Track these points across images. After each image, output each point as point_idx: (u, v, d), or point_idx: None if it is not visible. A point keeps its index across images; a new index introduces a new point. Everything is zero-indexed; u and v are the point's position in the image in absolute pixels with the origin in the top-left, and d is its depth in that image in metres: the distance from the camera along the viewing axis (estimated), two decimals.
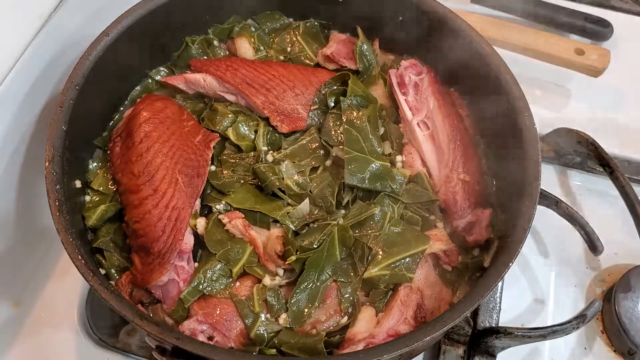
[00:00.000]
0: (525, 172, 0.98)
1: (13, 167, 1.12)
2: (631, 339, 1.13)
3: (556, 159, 1.36)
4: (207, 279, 0.98)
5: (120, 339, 1.15)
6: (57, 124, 0.98)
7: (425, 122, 1.12)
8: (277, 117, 1.10)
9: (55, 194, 0.92)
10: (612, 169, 1.21)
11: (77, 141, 1.02)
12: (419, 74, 1.15)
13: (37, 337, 1.18)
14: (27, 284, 1.21)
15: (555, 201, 1.15)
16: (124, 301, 0.86)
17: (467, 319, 1.08)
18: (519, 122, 1.02)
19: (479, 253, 1.05)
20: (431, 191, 1.07)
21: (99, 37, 1.06)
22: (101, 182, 1.06)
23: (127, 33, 1.09)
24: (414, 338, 0.84)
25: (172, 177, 1.00)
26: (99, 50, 1.05)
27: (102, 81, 1.07)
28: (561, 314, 1.22)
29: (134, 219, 0.98)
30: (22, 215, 1.16)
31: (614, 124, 1.42)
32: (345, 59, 1.20)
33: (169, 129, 1.05)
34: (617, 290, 1.18)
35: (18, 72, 1.06)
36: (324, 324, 0.98)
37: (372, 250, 1.00)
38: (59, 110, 0.98)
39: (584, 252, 1.28)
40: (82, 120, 1.02)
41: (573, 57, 1.40)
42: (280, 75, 1.14)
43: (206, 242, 1.00)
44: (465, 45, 1.11)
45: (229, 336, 0.95)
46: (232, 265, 0.99)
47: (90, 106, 1.06)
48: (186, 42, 1.22)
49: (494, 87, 1.07)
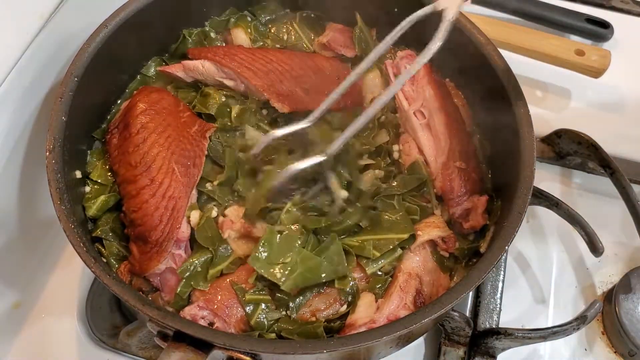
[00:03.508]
0: (521, 157, 1.00)
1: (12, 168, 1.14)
2: (632, 340, 1.14)
3: (557, 160, 1.37)
4: (192, 270, 1.01)
5: (120, 339, 1.16)
6: (57, 114, 1.00)
7: (421, 111, 1.15)
8: (278, 97, 1.12)
9: (56, 182, 0.95)
10: (613, 169, 1.21)
11: (77, 132, 1.05)
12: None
13: (37, 337, 1.18)
14: (26, 284, 1.22)
15: (555, 202, 1.16)
16: (126, 287, 0.89)
17: (467, 320, 1.08)
18: (513, 108, 1.05)
19: (475, 239, 1.08)
20: (425, 176, 1.10)
21: (98, 28, 1.09)
22: (100, 173, 1.09)
23: (126, 25, 1.11)
24: (412, 320, 0.87)
25: (169, 167, 1.03)
26: (98, 42, 1.08)
27: (101, 73, 1.09)
28: (561, 315, 1.23)
29: (132, 209, 1.01)
30: (22, 214, 1.19)
31: (615, 124, 1.43)
32: (341, 47, 1.24)
33: (165, 120, 1.08)
34: (618, 291, 1.19)
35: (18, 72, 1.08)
36: (324, 312, 1.00)
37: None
38: (59, 101, 1.01)
39: (584, 253, 1.28)
40: (81, 111, 1.05)
41: (573, 58, 1.41)
42: (278, 59, 1.16)
43: (197, 236, 1.03)
44: (459, 34, 1.12)
45: (229, 322, 0.97)
46: (212, 267, 1.01)
47: (89, 97, 1.08)
48: (183, 35, 1.25)
49: (487, 76, 1.10)
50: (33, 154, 1.17)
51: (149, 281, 1.01)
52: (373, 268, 1.02)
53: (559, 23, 1.54)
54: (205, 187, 1.08)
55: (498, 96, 1.08)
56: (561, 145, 1.32)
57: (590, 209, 1.20)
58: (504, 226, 0.95)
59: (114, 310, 1.22)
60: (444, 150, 1.10)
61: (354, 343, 0.84)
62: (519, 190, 0.97)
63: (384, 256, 1.03)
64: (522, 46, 1.44)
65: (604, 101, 1.48)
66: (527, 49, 1.44)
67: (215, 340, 0.84)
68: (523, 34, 1.46)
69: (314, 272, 0.98)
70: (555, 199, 1.16)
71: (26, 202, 1.18)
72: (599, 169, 1.27)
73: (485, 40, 1.12)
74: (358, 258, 1.03)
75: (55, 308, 1.21)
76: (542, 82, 1.50)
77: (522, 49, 1.44)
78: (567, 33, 1.55)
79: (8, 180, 1.13)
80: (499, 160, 1.12)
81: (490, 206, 1.08)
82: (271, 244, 0.99)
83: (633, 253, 1.29)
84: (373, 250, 1.02)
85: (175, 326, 0.84)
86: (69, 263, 1.26)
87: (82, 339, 1.17)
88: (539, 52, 1.44)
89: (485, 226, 1.07)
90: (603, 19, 1.54)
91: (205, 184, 1.08)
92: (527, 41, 1.44)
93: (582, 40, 1.54)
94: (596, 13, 1.57)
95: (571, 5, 1.60)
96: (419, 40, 1.20)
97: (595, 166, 1.30)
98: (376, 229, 1.04)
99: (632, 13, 1.63)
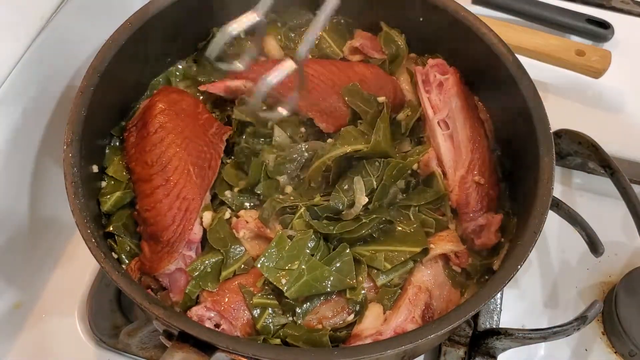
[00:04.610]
0: (539, 176, 1.00)
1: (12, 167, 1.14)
2: (632, 340, 1.14)
3: (557, 160, 1.35)
4: (202, 270, 1.01)
5: (121, 339, 1.17)
6: (77, 108, 1.00)
7: (445, 122, 1.14)
8: (321, 117, 1.11)
9: (72, 176, 0.95)
10: (613, 170, 1.21)
11: (97, 127, 1.06)
12: (444, 73, 1.18)
13: (37, 337, 1.19)
14: (27, 284, 1.23)
15: (556, 202, 1.16)
16: (133, 284, 0.90)
17: (467, 320, 1.08)
18: (535, 128, 1.04)
19: (489, 256, 1.07)
20: (443, 190, 1.09)
21: (122, 25, 1.08)
22: (116, 169, 1.09)
23: (151, 22, 1.11)
24: (419, 335, 0.86)
25: (184, 168, 1.03)
26: (122, 39, 1.07)
27: (123, 69, 1.09)
28: (562, 315, 1.23)
29: (145, 208, 1.02)
30: (23, 214, 1.19)
31: (615, 125, 1.44)
32: (372, 50, 1.23)
33: (183, 121, 1.08)
34: (618, 292, 1.19)
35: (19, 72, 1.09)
36: (330, 320, 1.00)
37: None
38: (79, 95, 1.01)
39: (584, 253, 1.27)
40: (101, 107, 1.05)
41: (574, 58, 1.41)
42: (319, 74, 1.14)
43: (209, 237, 1.03)
44: (483, 47, 1.12)
45: (235, 325, 0.97)
46: (224, 268, 1.01)
47: (110, 94, 1.08)
48: (212, 33, 1.22)
49: (510, 91, 1.09)
50: (34, 153, 1.17)
51: (158, 280, 1.02)
52: (383, 280, 1.02)
53: (559, 23, 1.54)
54: (225, 195, 1.07)
55: (521, 116, 1.07)
56: (561, 145, 1.32)
57: (590, 209, 1.20)
58: (518, 245, 0.94)
59: (114, 310, 1.23)
60: (464, 163, 1.09)
61: (357, 355, 0.84)
62: (535, 210, 0.96)
63: (395, 269, 1.02)
64: (523, 46, 1.44)
65: (604, 101, 1.48)
66: (528, 49, 1.44)
67: (219, 343, 0.84)
68: (523, 34, 1.46)
69: (319, 280, 0.97)
70: (556, 199, 1.16)
71: (27, 201, 1.19)
72: (600, 169, 1.27)
73: (507, 52, 1.10)
74: (368, 268, 1.02)
75: (56, 308, 1.22)
76: (543, 82, 1.50)
77: (522, 49, 1.44)
78: (567, 33, 1.55)
79: (8, 179, 1.13)
80: (517, 177, 1.11)
81: (505, 224, 1.07)
82: (281, 249, 0.99)
83: (633, 253, 1.29)
84: (384, 262, 1.01)
85: (179, 326, 0.85)
86: (70, 263, 1.27)
87: (82, 339, 1.18)
88: (539, 52, 1.44)
89: (499, 243, 1.06)
90: (603, 20, 1.54)
91: (224, 192, 1.07)
92: (528, 41, 1.44)
93: (583, 40, 1.54)
94: (596, 13, 1.57)
95: (571, 5, 1.60)
96: (442, 50, 1.22)
97: (596, 166, 1.30)
98: (389, 240, 1.03)
99: (633, 13, 1.62)
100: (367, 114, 1.12)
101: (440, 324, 0.86)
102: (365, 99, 1.14)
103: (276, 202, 1.03)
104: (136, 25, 1.09)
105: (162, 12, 1.12)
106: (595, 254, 1.11)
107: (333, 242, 1.02)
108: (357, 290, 0.99)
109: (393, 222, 1.04)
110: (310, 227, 1.01)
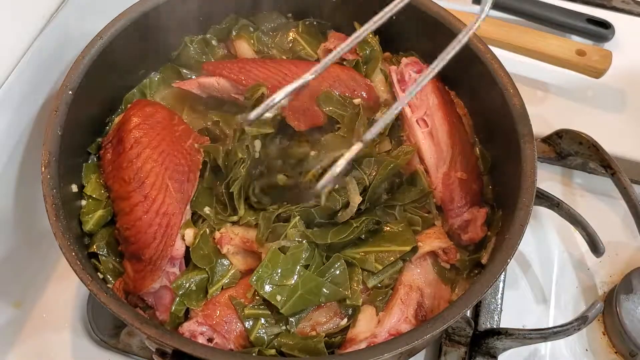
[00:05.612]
0: (522, 167, 1.00)
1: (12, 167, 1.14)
2: (633, 340, 1.14)
3: (557, 160, 1.37)
4: (187, 288, 1.00)
5: (121, 339, 1.17)
6: (53, 128, 0.99)
7: (424, 120, 1.15)
8: (293, 116, 1.11)
9: (52, 198, 0.94)
10: (614, 170, 1.21)
11: (74, 145, 1.05)
12: (419, 71, 1.18)
13: (38, 337, 1.19)
14: (28, 284, 1.23)
15: (556, 202, 1.16)
16: (123, 305, 0.88)
17: (468, 320, 1.08)
18: (514, 117, 1.04)
19: (476, 250, 1.08)
20: (427, 188, 1.09)
21: (93, 40, 1.08)
22: (94, 187, 1.08)
23: (122, 35, 1.10)
24: (414, 336, 0.86)
25: (162, 183, 1.01)
26: (93, 54, 1.06)
27: (97, 85, 1.08)
28: (562, 315, 1.23)
29: (125, 226, 1.00)
30: (22, 216, 1.19)
31: (616, 125, 1.44)
32: (346, 53, 1.20)
33: (159, 135, 1.07)
34: (619, 292, 1.19)
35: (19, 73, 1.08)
36: (324, 326, 1.00)
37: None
38: (54, 115, 1.00)
39: (585, 253, 1.28)
40: (78, 124, 1.04)
41: (574, 58, 1.42)
42: (292, 73, 1.14)
43: (192, 256, 1.01)
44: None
45: (228, 338, 0.96)
46: (210, 285, 1.00)
47: (86, 110, 1.07)
48: (185, 42, 1.24)
49: (487, 85, 1.09)
50: (33, 158, 1.16)
51: (144, 299, 1.01)
52: (374, 282, 1.02)
53: (559, 23, 1.55)
54: (203, 211, 1.05)
55: (500, 107, 1.07)
56: (562, 145, 1.32)
57: (591, 209, 1.20)
58: (506, 238, 0.94)
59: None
60: (445, 159, 1.10)
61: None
62: (520, 202, 0.96)
63: (385, 269, 1.02)
64: (523, 46, 1.45)
65: (605, 101, 1.49)
66: (528, 49, 1.45)
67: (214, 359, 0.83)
68: (524, 34, 1.47)
69: (314, 293, 0.97)
70: (556, 199, 1.16)
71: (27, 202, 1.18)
72: (600, 169, 1.27)
73: (485, 48, 1.11)
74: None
75: (56, 308, 1.21)
76: (543, 83, 1.50)
77: (523, 49, 1.45)
78: (568, 33, 1.56)
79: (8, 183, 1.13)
80: (499, 170, 1.12)
81: (491, 216, 1.08)
82: (274, 264, 0.97)
83: (634, 253, 1.29)
84: (375, 263, 1.01)
85: (173, 345, 0.84)
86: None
87: (83, 339, 1.17)
88: (539, 52, 1.44)
89: (486, 236, 1.07)
90: (604, 19, 1.55)
91: (203, 208, 1.05)
92: (528, 41, 1.45)
93: (583, 40, 1.54)
94: (597, 13, 1.58)
95: (572, 5, 1.60)
96: (417, 48, 1.22)
97: (596, 166, 1.31)
98: (378, 241, 1.04)
99: (633, 13, 1.63)
100: (344, 117, 1.13)
101: (434, 323, 0.87)
102: (340, 102, 1.14)
103: (269, 213, 1.02)
104: (107, 38, 1.08)
105: (133, 23, 1.11)
106: (595, 253, 1.12)
107: (324, 248, 1.01)
108: (356, 295, 0.99)
109: (381, 223, 1.05)
110: (305, 237, 1.00)
